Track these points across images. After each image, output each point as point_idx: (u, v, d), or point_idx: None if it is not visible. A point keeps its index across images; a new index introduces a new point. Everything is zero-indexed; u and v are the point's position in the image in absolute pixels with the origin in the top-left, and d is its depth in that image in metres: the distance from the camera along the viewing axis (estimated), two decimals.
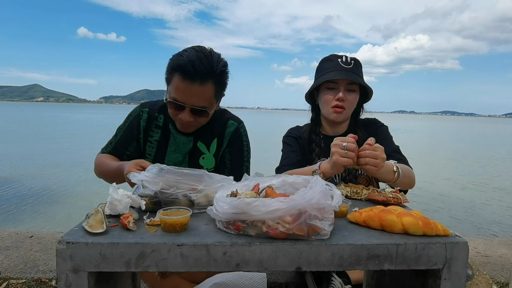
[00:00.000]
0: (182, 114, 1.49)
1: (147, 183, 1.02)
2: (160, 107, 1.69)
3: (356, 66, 1.70)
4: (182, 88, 1.43)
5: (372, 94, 1.75)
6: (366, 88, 1.71)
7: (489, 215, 6.90)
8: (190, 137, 1.66)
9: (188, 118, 1.49)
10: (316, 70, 1.81)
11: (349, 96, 1.67)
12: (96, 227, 0.85)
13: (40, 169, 9.93)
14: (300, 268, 0.83)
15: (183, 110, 1.48)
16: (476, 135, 40.37)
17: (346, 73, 1.64)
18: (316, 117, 1.85)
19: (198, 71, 1.40)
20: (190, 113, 1.49)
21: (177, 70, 1.42)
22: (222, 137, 1.71)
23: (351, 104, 1.69)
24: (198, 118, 1.53)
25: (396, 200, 1.19)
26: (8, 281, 1.96)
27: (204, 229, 0.90)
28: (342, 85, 1.65)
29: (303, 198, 0.81)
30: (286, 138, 1.85)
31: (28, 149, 14.03)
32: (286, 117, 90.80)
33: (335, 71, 1.66)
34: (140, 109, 1.68)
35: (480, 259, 2.46)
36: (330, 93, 1.68)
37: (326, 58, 1.77)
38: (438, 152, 18.60)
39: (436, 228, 0.89)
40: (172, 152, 1.66)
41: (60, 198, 7.03)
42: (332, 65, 1.69)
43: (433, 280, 0.90)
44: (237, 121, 1.77)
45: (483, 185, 10.03)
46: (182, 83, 1.42)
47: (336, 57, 1.72)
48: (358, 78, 1.66)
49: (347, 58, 1.70)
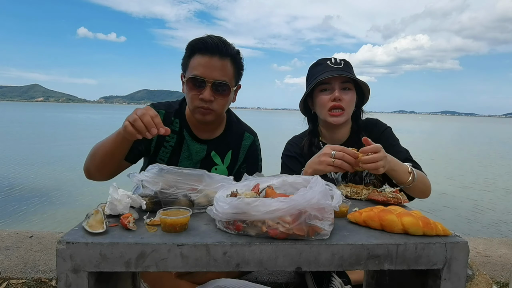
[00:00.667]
0: (204, 92, 1.46)
1: (147, 183, 1.02)
2: (176, 110, 1.65)
3: (347, 66, 1.66)
4: (202, 63, 1.45)
5: (369, 92, 1.68)
6: (362, 89, 1.66)
7: (490, 215, 6.90)
8: (204, 146, 1.64)
9: (209, 96, 1.46)
10: (307, 78, 1.75)
11: (346, 95, 1.60)
12: (96, 227, 0.85)
13: (40, 169, 9.93)
14: (300, 268, 0.83)
15: (204, 87, 1.46)
16: (476, 135, 40.36)
17: (338, 71, 1.60)
18: (314, 128, 1.77)
19: (218, 44, 1.46)
20: (211, 90, 1.46)
21: (196, 49, 1.47)
22: (238, 151, 1.71)
23: (349, 103, 1.62)
24: (219, 97, 1.49)
25: (396, 200, 1.19)
26: (8, 281, 1.95)
27: (204, 229, 0.90)
28: (336, 85, 1.60)
29: (303, 198, 0.81)
30: (287, 158, 1.74)
31: (28, 149, 14.03)
32: (286, 117, 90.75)
33: (326, 72, 1.61)
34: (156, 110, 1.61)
35: (480, 259, 2.46)
36: (325, 95, 1.62)
37: (315, 64, 1.72)
38: (438, 152, 18.60)
39: (436, 228, 0.89)
40: (184, 159, 1.64)
41: (60, 198, 7.02)
42: (322, 68, 1.65)
43: (433, 280, 0.90)
44: (252, 133, 1.77)
45: (484, 185, 10.03)
46: (202, 58, 1.46)
47: (324, 60, 1.68)
48: (351, 75, 1.61)
49: (336, 59, 1.66)
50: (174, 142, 1.63)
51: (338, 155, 1.27)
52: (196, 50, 1.47)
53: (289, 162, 1.71)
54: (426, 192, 1.47)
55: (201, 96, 1.47)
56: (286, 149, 1.78)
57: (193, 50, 1.49)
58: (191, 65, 1.48)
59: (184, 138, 1.64)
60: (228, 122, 1.74)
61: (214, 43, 1.45)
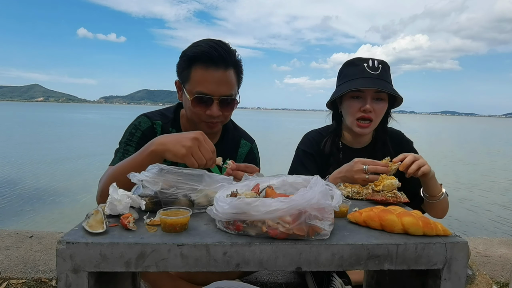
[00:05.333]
0: (211, 109, 1.38)
1: (147, 183, 1.02)
2: (172, 120, 1.57)
3: (385, 71, 1.54)
4: (208, 78, 1.35)
5: (402, 100, 1.59)
6: (395, 97, 1.57)
7: (490, 215, 6.90)
8: None
9: (217, 112, 1.39)
10: (338, 75, 1.65)
11: (377, 106, 1.52)
12: (96, 227, 0.85)
13: (40, 169, 9.93)
14: (300, 268, 0.83)
15: (211, 104, 1.38)
16: (476, 135, 40.34)
17: (373, 81, 1.49)
18: (337, 126, 1.68)
19: (222, 55, 1.35)
20: (218, 105, 1.39)
21: (198, 60, 1.35)
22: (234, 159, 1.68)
23: (379, 114, 1.54)
24: (225, 111, 1.43)
25: (396, 199, 1.19)
26: (8, 281, 1.95)
27: (204, 229, 0.90)
28: (369, 94, 1.50)
29: (303, 198, 0.81)
30: (303, 154, 1.66)
31: (28, 149, 14.02)
32: (286, 117, 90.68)
33: (361, 79, 1.50)
34: (151, 121, 1.53)
35: (480, 259, 2.46)
36: (356, 103, 1.52)
37: (350, 62, 1.60)
38: (438, 151, 18.59)
39: (436, 228, 0.89)
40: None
41: (60, 198, 7.03)
42: (357, 71, 1.53)
43: (433, 280, 0.90)
44: (249, 140, 1.68)
45: (484, 185, 10.03)
46: (206, 72, 1.35)
47: (361, 61, 1.55)
48: (388, 87, 1.50)
49: (374, 63, 1.53)
50: None
51: (371, 169, 1.27)
52: (200, 60, 1.36)
53: (305, 158, 1.65)
54: (446, 210, 1.46)
55: (208, 112, 1.39)
56: (304, 144, 1.70)
57: (193, 61, 1.38)
58: (194, 79, 1.38)
59: None
60: (224, 129, 1.66)
61: (219, 55, 1.35)
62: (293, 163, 1.69)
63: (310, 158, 1.65)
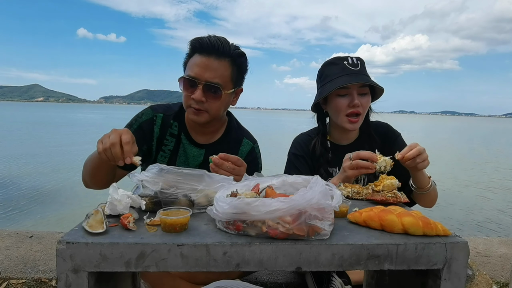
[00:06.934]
0: (195, 93, 1.44)
1: (147, 183, 1.02)
2: (175, 113, 1.62)
3: (363, 66, 1.60)
4: (197, 62, 1.45)
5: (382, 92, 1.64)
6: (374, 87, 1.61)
7: (490, 215, 6.90)
8: (202, 150, 1.61)
9: (200, 96, 1.43)
10: (319, 76, 1.68)
11: (363, 100, 1.57)
12: (96, 227, 0.85)
13: (40, 169, 9.93)
14: (300, 268, 0.83)
15: (196, 87, 1.44)
16: (477, 135, 40.34)
17: (357, 76, 1.54)
18: (323, 127, 1.72)
19: (215, 45, 1.44)
20: (202, 90, 1.44)
21: (196, 48, 1.46)
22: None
23: (365, 108, 1.60)
24: (210, 98, 1.46)
25: (396, 199, 1.19)
26: (8, 281, 1.95)
27: (204, 229, 0.90)
28: (354, 90, 1.54)
29: (303, 198, 0.81)
30: (294, 157, 1.70)
31: (28, 149, 14.02)
32: (286, 117, 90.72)
33: (345, 76, 1.54)
34: (153, 113, 1.59)
35: (480, 259, 2.46)
36: (343, 100, 1.56)
37: (330, 62, 1.64)
38: (438, 151, 18.60)
39: (436, 228, 0.89)
40: (181, 163, 1.60)
41: (60, 198, 7.03)
42: (339, 69, 1.57)
43: (433, 280, 0.90)
44: (252, 140, 1.71)
45: (484, 185, 10.03)
46: (199, 57, 1.45)
47: (341, 59, 1.60)
48: (371, 81, 1.56)
49: (353, 59, 1.58)
50: (173, 146, 1.60)
51: (354, 155, 1.34)
52: (195, 49, 1.47)
53: (297, 161, 1.69)
54: (434, 201, 1.49)
55: (192, 96, 1.45)
56: (294, 147, 1.74)
57: (192, 50, 1.48)
58: (189, 65, 1.48)
59: (181, 141, 1.60)
60: (228, 127, 1.70)
61: (211, 43, 1.44)
62: (286, 168, 1.72)
63: (301, 161, 1.69)
